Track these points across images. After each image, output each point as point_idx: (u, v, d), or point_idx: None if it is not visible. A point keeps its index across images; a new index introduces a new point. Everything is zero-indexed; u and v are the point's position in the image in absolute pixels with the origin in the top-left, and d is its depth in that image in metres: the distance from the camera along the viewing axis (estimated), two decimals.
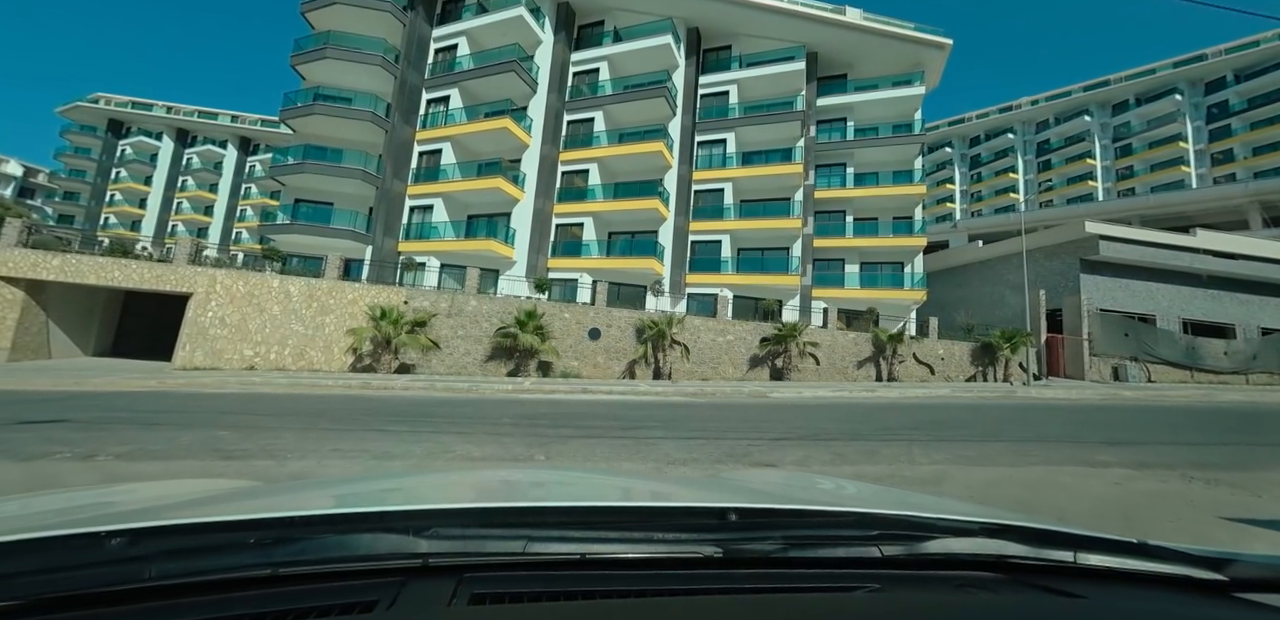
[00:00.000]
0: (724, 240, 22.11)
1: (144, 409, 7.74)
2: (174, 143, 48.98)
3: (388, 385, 12.10)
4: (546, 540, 0.72)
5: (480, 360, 15.53)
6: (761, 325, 17.83)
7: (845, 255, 23.79)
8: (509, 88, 20.82)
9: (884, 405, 11.65)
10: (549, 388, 12.63)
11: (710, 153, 23.10)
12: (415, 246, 20.08)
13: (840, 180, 24.36)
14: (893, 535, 0.82)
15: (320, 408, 8.31)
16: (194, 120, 48.67)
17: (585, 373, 16.01)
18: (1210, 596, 0.75)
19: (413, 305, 15.49)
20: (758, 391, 13.61)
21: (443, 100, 21.46)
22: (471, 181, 19.78)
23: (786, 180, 22.11)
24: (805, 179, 22.48)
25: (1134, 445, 6.75)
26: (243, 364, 14.36)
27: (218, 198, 47.83)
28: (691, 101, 23.20)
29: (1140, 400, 14.27)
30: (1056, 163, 50.75)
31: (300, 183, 20.59)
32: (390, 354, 14.29)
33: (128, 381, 11.48)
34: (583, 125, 22.21)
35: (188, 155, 49.04)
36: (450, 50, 21.81)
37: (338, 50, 19.91)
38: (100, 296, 17.08)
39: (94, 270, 14.59)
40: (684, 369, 16.54)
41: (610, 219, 21.72)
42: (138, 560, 0.60)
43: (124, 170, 48.79)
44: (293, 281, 15.07)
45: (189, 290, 14.64)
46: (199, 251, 15.90)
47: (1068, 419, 9.83)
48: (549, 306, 16.08)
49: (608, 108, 21.79)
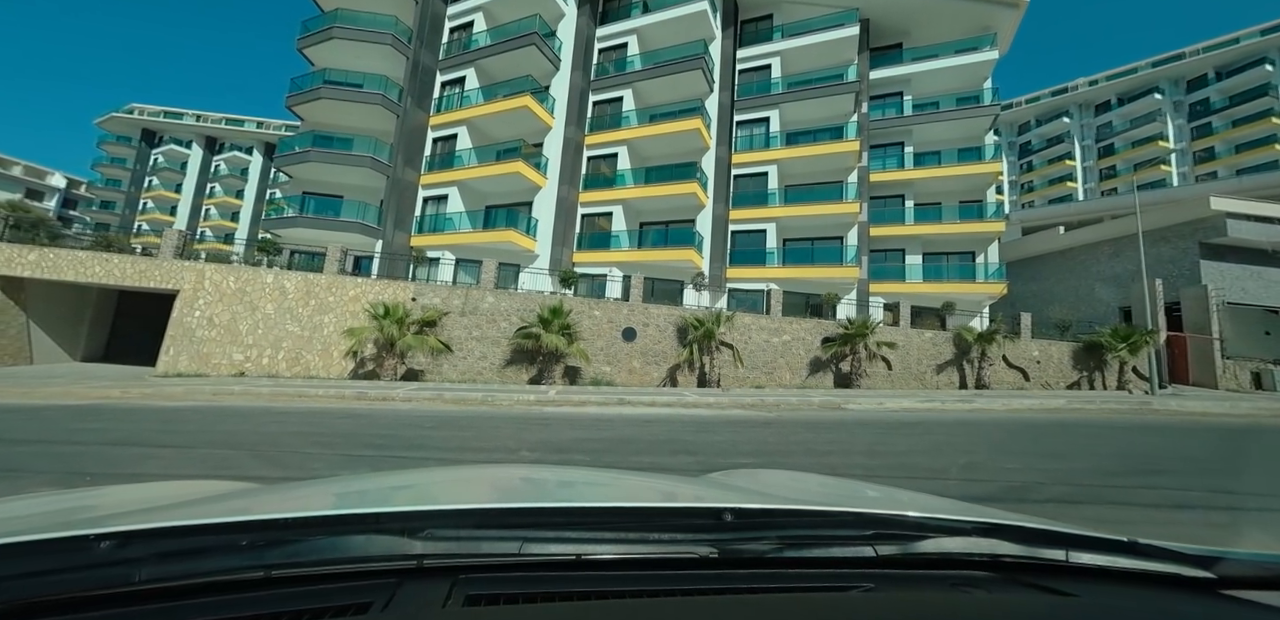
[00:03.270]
0: (768, 229, 19.65)
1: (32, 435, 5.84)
2: (203, 150, 49.35)
3: (387, 395, 10.11)
4: (542, 541, 0.71)
5: (498, 365, 13.48)
6: (822, 323, 15.30)
7: (905, 244, 21.00)
8: (529, 64, 18.93)
9: (999, 423, 9.00)
10: (579, 398, 10.44)
11: (751, 133, 20.72)
12: (429, 240, 18.28)
13: (897, 161, 21.62)
14: (887, 535, 0.81)
15: (274, 432, 6.25)
16: (221, 127, 48.98)
17: (619, 379, 13.78)
18: (1199, 594, 0.75)
19: (421, 302, 13.57)
20: (830, 402, 11.13)
21: (458, 82, 19.74)
22: (489, 167, 17.91)
23: (838, 161, 19.55)
24: (859, 160, 19.86)
25: None
26: (232, 369, 12.66)
27: (243, 203, 47.79)
28: (729, 78, 20.91)
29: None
30: (1121, 147, 46.45)
31: (307, 174, 19.11)
32: (394, 358, 12.35)
33: (87, 391, 9.84)
34: (610, 105, 20.16)
35: (215, 162, 49.32)
36: (465, 28, 20.12)
37: (345, 29, 18.41)
38: (90, 297, 15.77)
39: (72, 265, 13.14)
40: (734, 375, 14.14)
41: (641, 207, 19.54)
42: (127, 563, 0.59)
43: (156, 178, 49.39)
44: (288, 277, 13.34)
45: (175, 287, 13.06)
46: (186, 245, 14.37)
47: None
48: (576, 303, 13.94)
49: (638, 85, 19.69)
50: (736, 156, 20.34)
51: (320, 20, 19.21)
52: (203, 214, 48.40)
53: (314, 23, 19.30)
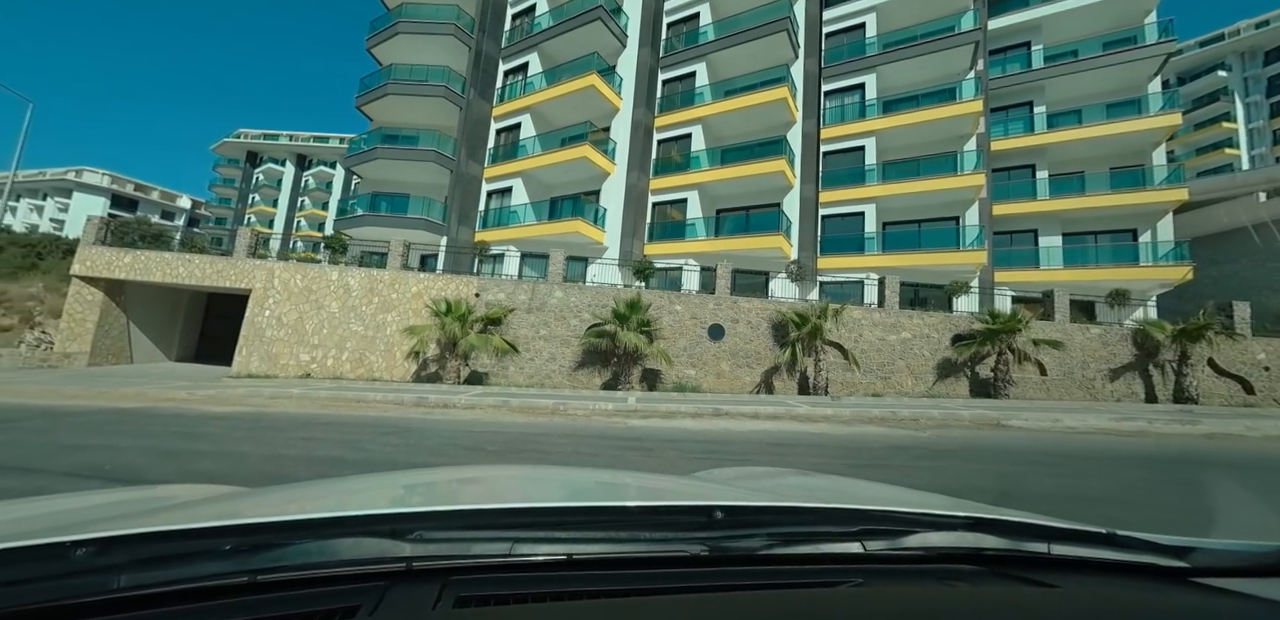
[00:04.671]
0: (866, 211, 16.96)
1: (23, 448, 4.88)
2: (294, 167, 53.22)
3: (448, 402, 8.87)
4: (533, 542, 0.71)
5: (568, 367, 12.03)
6: (950, 317, 12.56)
7: (1039, 223, 17.45)
8: (594, 42, 17.59)
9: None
10: (665, 408, 8.66)
11: (842, 103, 18.13)
12: (493, 235, 17.37)
13: (1024, 124, 18.08)
14: (875, 530, 0.81)
15: (294, 455, 4.94)
16: (309, 145, 52.57)
17: (706, 384, 11.88)
18: (1174, 582, 0.77)
19: (485, 298, 12.43)
20: (983, 417, 8.58)
21: (521, 69, 18.81)
22: (554, 154, 16.70)
23: (951, 127, 16.53)
24: (977, 125, 16.69)
25: None
26: (299, 370, 12.12)
27: (327, 215, 50.82)
28: (815, 44, 18.44)
29: None
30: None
31: (374, 173, 18.93)
32: (457, 359, 11.23)
33: (158, 392, 9.44)
34: (681, 82, 18.39)
35: (304, 177, 52.98)
36: (527, 13, 19.22)
37: (410, 23, 18.03)
38: (183, 299, 16.20)
39: (160, 267, 13.27)
40: (843, 380, 11.80)
41: (719, 191, 17.56)
42: (106, 570, 0.57)
43: (257, 194, 53.88)
44: (352, 273, 12.69)
45: (248, 286, 12.82)
46: (260, 243, 14.22)
47: None
48: (654, 297, 12.22)
49: (712, 57, 17.77)
50: (826, 130, 17.83)
51: (386, 17, 19.04)
52: (295, 225, 52.07)
53: (380, 21, 19.17)
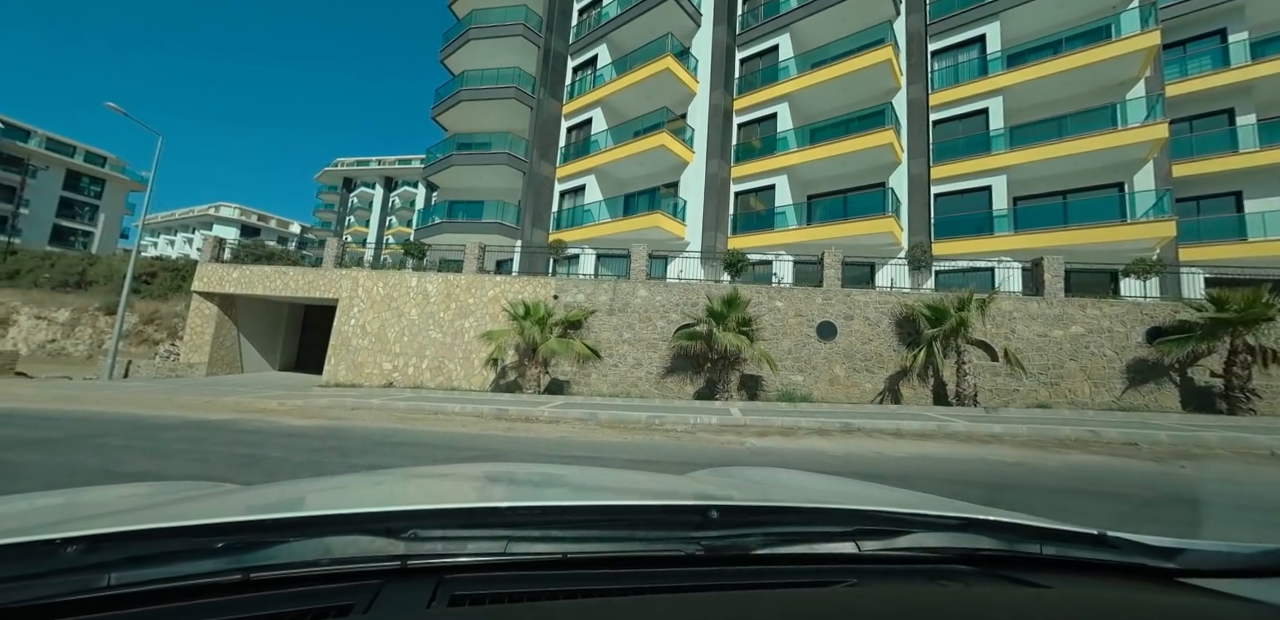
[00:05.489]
0: (994, 184, 14.22)
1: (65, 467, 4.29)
2: (382, 189, 57.31)
3: (530, 414, 7.87)
4: (528, 540, 0.70)
5: (656, 374, 10.74)
6: (1141, 306, 9.80)
7: (1241, 184, 13.73)
8: (666, 23, 16.43)
9: None
10: (780, 422, 7.07)
11: (955, 62, 15.51)
12: (567, 235, 16.62)
13: (1214, 59, 14.41)
14: (870, 530, 0.81)
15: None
16: (394, 167, 56.47)
17: (817, 392, 10.07)
18: (1163, 583, 0.77)
19: (564, 300, 11.50)
20: (1244, 443, 6.11)
21: (589, 63, 18.09)
22: (628, 146, 15.67)
23: (1107, 72, 13.44)
24: (1146, 66, 13.42)
25: None
26: (381, 379, 11.86)
27: (411, 231, 54.02)
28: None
29: None
30: None
31: (450, 181, 19.01)
32: (537, 367, 10.32)
33: (251, 402, 9.44)
34: (762, 58, 16.71)
35: (391, 198, 56.87)
36: (595, 4, 18.55)
37: (480, 29, 17.94)
38: (283, 311, 16.96)
39: (261, 280, 13.75)
40: (992, 386, 9.50)
41: (811, 174, 15.61)
42: (95, 568, 0.56)
43: (352, 217, 58.68)
44: (430, 279, 12.31)
45: (335, 296, 12.88)
46: (345, 252, 14.38)
47: None
48: (751, 292, 10.64)
49: (797, 26, 15.94)
50: (937, 95, 15.29)
51: (457, 27, 19.18)
52: (384, 243, 55.92)
53: (452, 31, 19.36)
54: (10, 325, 18.87)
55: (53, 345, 18.79)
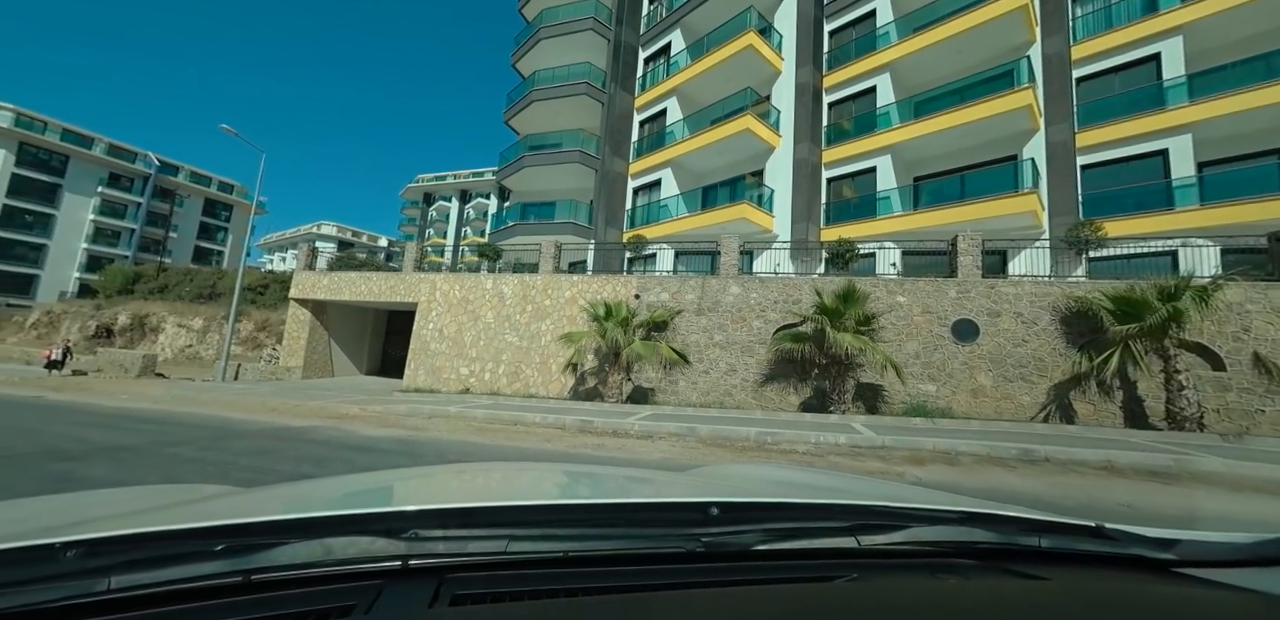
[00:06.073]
0: (1171, 147, 11.46)
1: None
2: (458, 202, 60.17)
3: (617, 428, 6.85)
4: (529, 539, 0.70)
5: (753, 381, 9.38)
6: None
7: None
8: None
9: None
10: (930, 444, 5.49)
11: (1108, 2, 12.83)
12: (642, 233, 15.69)
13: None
14: (870, 525, 0.81)
15: None
16: (468, 180, 59.12)
17: (957, 406, 8.23)
18: (1160, 574, 0.77)
19: (646, 300, 10.47)
20: None
21: (662, 52, 17.18)
22: (707, 133, 14.48)
23: None
24: None
25: None
26: (459, 385, 11.44)
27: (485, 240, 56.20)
28: None
29: None
30: None
31: (522, 184, 18.80)
32: (619, 372, 9.33)
33: (336, 407, 9.28)
34: (856, 27, 14.92)
35: (465, 210, 59.51)
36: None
37: (550, 28, 17.63)
38: (369, 317, 17.41)
39: (348, 286, 14.01)
40: (1219, 404, 7.18)
41: (919, 152, 13.58)
42: (95, 572, 0.56)
43: (431, 229, 62.07)
44: (505, 280, 11.80)
45: (414, 300, 12.76)
46: (423, 257, 14.34)
47: None
48: (867, 284, 9.01)
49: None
50: (1081, 46, 12.72)
51: (527, 30, 19.07)
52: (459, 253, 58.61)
53: (522, 35, 19.28)
54: (160, 332, 21.10)
55: (190, 350, 20.72)
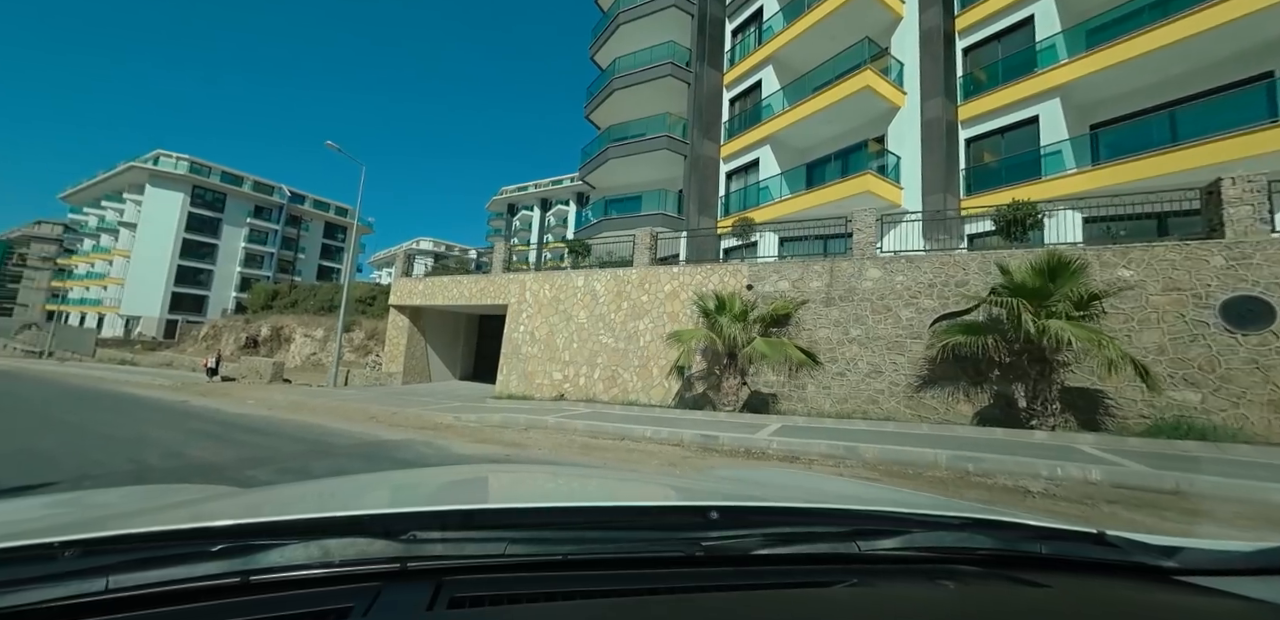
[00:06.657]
0: None
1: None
2: (539, 210, 62.00)
3: (750, 447, 5.40)
4: (528, 542, 0.70)
5: (905, 386, 7.45)
6: None
7: None
8: None
9: None
10: (1261, 494, 3.41)
11: None
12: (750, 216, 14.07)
13: None
14: (870, 531, 0.80)
15: None
16: (548, 188, 60.73)
17: (1242, 423, 5.75)
18: (1161, 581, 0.77)
19: (759, 290, 8.90)
20: None
21: (752, 19, 15.53)
22: (814, 99, 12.59)
23: None
24: None
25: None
26: (552, 390, 10.60)
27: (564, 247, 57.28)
28: None
29: None
30: None
31: (605, 179, 17.97)
32: (734, 376, 7.84)
33: (431, 415, 8.92)
34: None
35: (546, 217, 61.13)
36: None
37: (629, 11, 16.69)
38: (461, 321, 17.43)
39: (440, 290, 13.90)
40: None
41: (1100, 90, 10.68)
42: (94, 571, 0.56)
43: (515, 239, 64.51)
44: (597, 276, 10.81)
45: (504, 302, 12.22)
46: (512, 257, 13.86)
47: None
48: (1070, 253, 6.73)
49: None
50: None
51: (603, 20, 18.32)
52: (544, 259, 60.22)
53: (599, 25, 18.55)
54: (290, 342, 23.35)
55: (313, 357, 22.55)
